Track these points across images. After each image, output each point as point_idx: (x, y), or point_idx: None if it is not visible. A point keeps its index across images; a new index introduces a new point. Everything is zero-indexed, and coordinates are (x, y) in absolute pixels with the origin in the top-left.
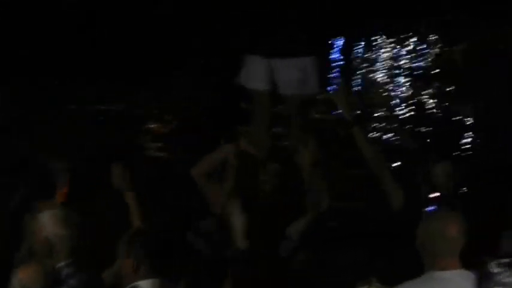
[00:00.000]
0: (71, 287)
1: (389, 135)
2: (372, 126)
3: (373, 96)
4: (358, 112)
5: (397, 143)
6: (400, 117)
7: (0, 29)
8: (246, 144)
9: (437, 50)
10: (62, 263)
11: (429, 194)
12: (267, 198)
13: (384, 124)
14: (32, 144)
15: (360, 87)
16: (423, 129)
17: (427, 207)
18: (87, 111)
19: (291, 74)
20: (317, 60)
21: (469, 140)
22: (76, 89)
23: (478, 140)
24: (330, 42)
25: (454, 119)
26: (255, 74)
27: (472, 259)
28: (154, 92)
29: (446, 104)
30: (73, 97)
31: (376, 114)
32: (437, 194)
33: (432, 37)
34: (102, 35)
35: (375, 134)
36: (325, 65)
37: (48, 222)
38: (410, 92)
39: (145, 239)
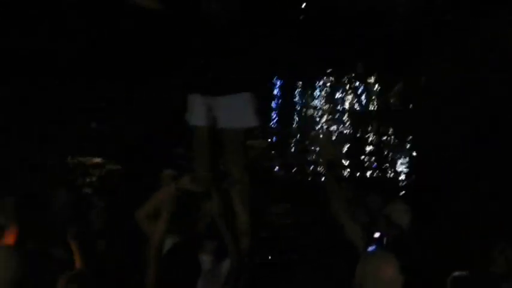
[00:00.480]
0: None
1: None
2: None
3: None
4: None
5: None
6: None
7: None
8: (185, 182)
9: (375, 90)
10: None
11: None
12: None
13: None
14: None
15: (298, 125)
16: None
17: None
18: None
19: (230, 109)
20: (254, 96)
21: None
22: None
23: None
24: (270, 81)
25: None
26: (194, 111)
27: None
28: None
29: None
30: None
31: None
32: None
33: (370, 79)
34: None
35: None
36: (262, 99)
37: None
38: (349, 132)
39: (83, 281)
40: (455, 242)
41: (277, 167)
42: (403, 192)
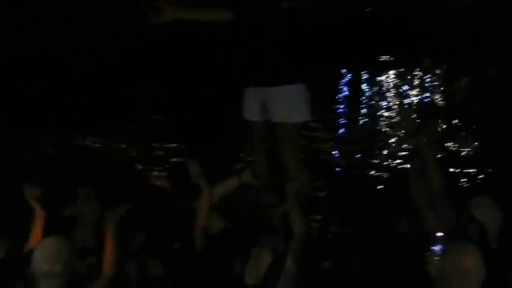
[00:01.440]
0: None
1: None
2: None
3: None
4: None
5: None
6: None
7: None
8: (248, 176)
9: (441, 84)
10: None
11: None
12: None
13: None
14: None
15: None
16: None
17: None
18: None
19: (283, 103)
20: (307, 88)
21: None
22: None
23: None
24: (335, 72)
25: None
26: (249, 105)
27: None
28: None
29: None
30: None
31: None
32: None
33: (437, 71)
34: None
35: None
36: (317, 93)
37: None
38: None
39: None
40: None
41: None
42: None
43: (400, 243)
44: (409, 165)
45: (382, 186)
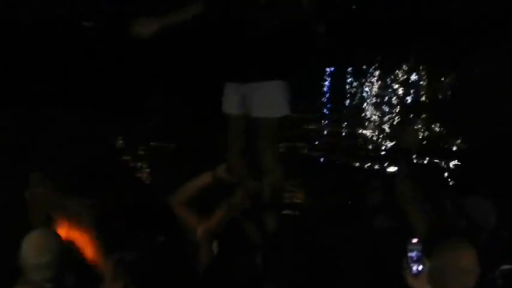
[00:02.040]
0: None
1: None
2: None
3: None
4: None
5: None
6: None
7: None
8: (222, 171)
9: (426, 81)
10: None
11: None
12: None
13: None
14: None
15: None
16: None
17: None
18: None
19: (263, 97)
20: (286, 83)
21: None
22: None
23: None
24: (322, 69)
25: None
26: (229, 99)
27: None
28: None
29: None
30: None
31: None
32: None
33: (421, 69)
34: None
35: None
36: (298, 88)
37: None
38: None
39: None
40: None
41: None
42: (453, 182)
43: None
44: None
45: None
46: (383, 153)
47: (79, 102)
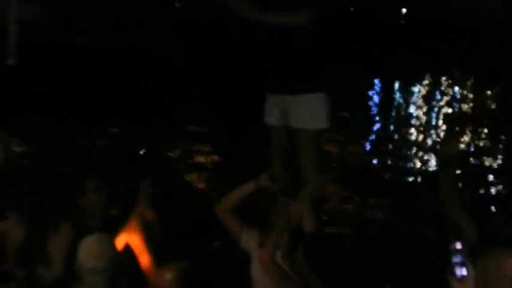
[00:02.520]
0: None
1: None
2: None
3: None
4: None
5: None
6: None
7: None
8: (265, 180)
9: (471, 93)
10: None
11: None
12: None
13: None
14: None
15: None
16: None
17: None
18: None
19: (303, 110)
20: (327, 96)
21: None
22: None
23: None
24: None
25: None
26: (269, 110)
27: None
28: None
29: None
30: None
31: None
32: None
33: (466, 81)
34: None
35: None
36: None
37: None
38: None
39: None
40: None
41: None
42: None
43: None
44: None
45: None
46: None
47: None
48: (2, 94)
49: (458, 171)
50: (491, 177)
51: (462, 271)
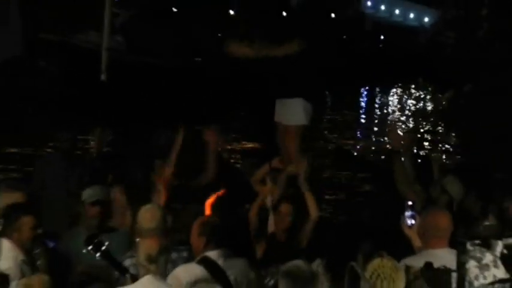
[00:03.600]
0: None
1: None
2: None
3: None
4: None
5: None
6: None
7: None
8: (276, 163)
9: (429, 95)
10: None
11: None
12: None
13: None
14: None
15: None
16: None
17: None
18: None
19: (289, 109)
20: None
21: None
22: None
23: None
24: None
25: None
26: (276, 111)
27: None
28: None
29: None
30: None
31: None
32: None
33: (428, 87)
34: None
35: None
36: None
37: None
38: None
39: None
40: None
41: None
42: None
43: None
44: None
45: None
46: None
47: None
48: (97, 101)
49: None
50: None
51: (411, 221)
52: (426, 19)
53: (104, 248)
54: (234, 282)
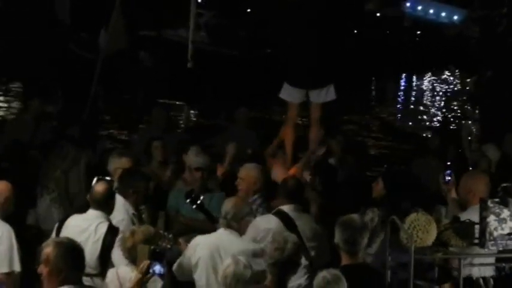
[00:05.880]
0: None
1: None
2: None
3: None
4: None
5: None
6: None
7: None
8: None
9: (459, 80)
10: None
11: None
12: None
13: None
14: None
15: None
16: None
17: None
18: None
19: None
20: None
21: None
22: None
23: None
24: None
25: None
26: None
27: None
28: None
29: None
30: None
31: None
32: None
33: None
34: None
35: None
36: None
37: None
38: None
39: None
40: None
41: None
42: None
43: None
44: None
45: None
46: None
47: None
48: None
49: None
50: None
51: (448, 178)
52: (455, 17)
53: (199, 201)
54: (303, 233)
